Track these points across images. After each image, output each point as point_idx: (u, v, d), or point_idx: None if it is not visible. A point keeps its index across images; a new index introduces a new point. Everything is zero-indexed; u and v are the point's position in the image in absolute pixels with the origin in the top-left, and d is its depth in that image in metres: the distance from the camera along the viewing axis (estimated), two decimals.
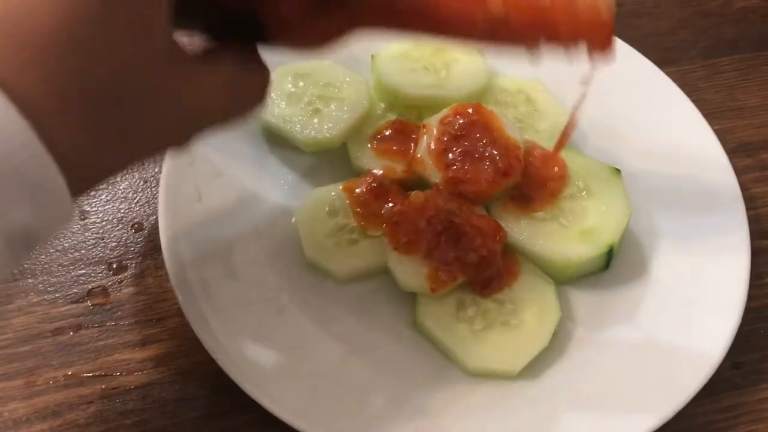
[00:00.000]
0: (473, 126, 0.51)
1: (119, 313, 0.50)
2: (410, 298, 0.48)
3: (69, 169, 0.27)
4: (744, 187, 0.57)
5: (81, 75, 0.27)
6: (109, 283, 0.51)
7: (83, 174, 0.29)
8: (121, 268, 0.52)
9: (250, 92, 0.36)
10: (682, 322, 0.48)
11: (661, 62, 0.61)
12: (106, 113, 0.28)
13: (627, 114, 0.57)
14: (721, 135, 0.59)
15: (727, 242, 0.50)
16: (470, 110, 0.51)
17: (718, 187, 0.53)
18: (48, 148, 0.26)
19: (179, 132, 0.33)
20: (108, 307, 0.50)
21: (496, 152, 0.49)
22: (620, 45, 0.60)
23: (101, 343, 0.48)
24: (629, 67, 0.59)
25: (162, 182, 0.50)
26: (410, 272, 0.46)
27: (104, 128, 0.29)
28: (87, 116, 0.28)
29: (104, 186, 0.56)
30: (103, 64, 0.27)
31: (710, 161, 0.54)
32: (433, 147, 0.50)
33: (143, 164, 0.40)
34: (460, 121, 0.51)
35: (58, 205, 0.28)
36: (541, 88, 0.57)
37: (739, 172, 0.58)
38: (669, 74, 0.59)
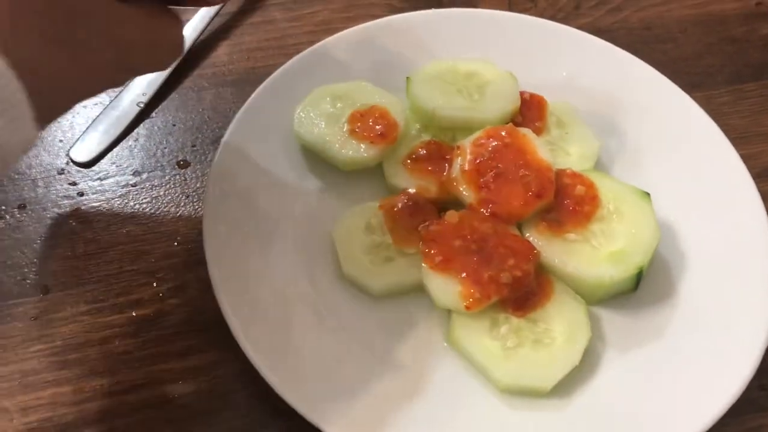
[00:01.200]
0: (506, 148, 0.52)
1: (162, 323, 0.52)
2: (445, 314, 0.50)
3: (30, 89, 0.31)
4: None
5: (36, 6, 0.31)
6: (153, 295, 0.53)
7: (42, 96, 0.32)
8: (164, 281, 0.54)
9: (167, 36, 0.39)
10: (710, 343, 0.49)
11: (688, 87, 0.62)
12: (60, 38, 0.32)
13: (655, 138, 0.59)
14: (747, 160, 0.60)
15: (754, 266, 0.51)
16: (503, 133, 0.53)
17: (745, 211, 0.54)
18: (10, 66, 0.30)
19: (115, 68, 0.37)
20: (152, 317, 0.52)
21: (528, 174, 0.51)
22: (647, 70, 0.61)
23: (145, 352, 0.50)
24: (657, 91, 0.60)
25: (205, 198, 0.52)
26: (445, 290, 0.48)
27: (58, 53, 0.33)
28: (42, 39, 0.32)
29: (148, 200, 0.58)
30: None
31: (737, 185, 0.55)
32: (466, 168, 0.52)
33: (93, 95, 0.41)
34: (493, 143, 0.53)
35: (23, 121, 0.31)
36: (571, 110, 0.59)
37: (764, 196, 0.59)
38: (695, 99, 0.61)
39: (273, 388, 0.45)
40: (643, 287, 0.52)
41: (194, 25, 0.67)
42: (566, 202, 0.51)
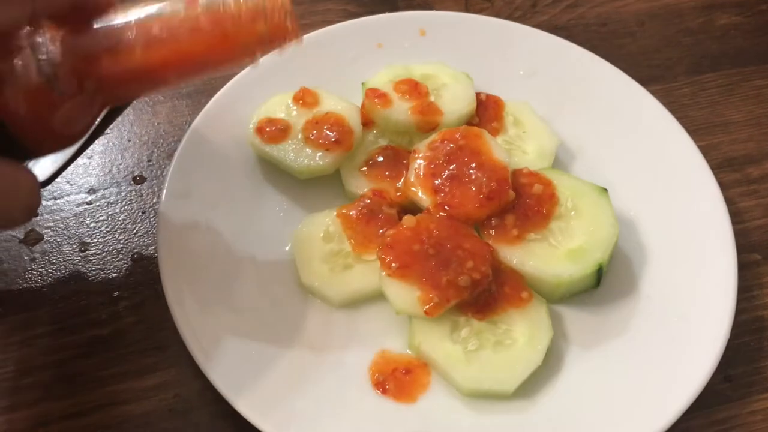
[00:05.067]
0: (461, 150, 0.52)
1: (120, 343, 0.51)
2: (407, 320, 0.49)
3: None
4: (731, 202, 0.58)
5: None
6: (110, 314, 0.52)
7: None
8: (122, 299, 0.53)
9: (17, 191, 0.36)
10: (673, 337, 0.49)
11: (647, 80, 0.62)
12: None
13: (614, 133, 0.58)
14: (707, 151, 0.60)
15: (714, 257, 0.51)
16: (458, 135, 0.53)
17: (704, 203, 0.54)
18: None
19: None
20: (109, 337, 0.51)
21: (482, 176, 0.50)
22: (604, 66, 0.61)
23: (103, 372, 0.49)
24: (613, 86, 0.60)
25: (160, 214, 0.51)
26: (403, 296, 0.47)
27: None
28: None
29: (104, 218, 0.57)
30: None
31: (696, 178, 0.55)
32: (421, 172, 0.52)
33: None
34: (449, 146, 0.52)
35: None
36: (528, 109, 0.59)
37: (726, 186, 0.59)
38: (654, 92, 0.61)
39: (235, 408, 0.44)
40: (605, 283, 0.51)
41: None
42: (524, 202, 0.51)
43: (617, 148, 0.58)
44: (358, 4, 0.71)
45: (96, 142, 0.61)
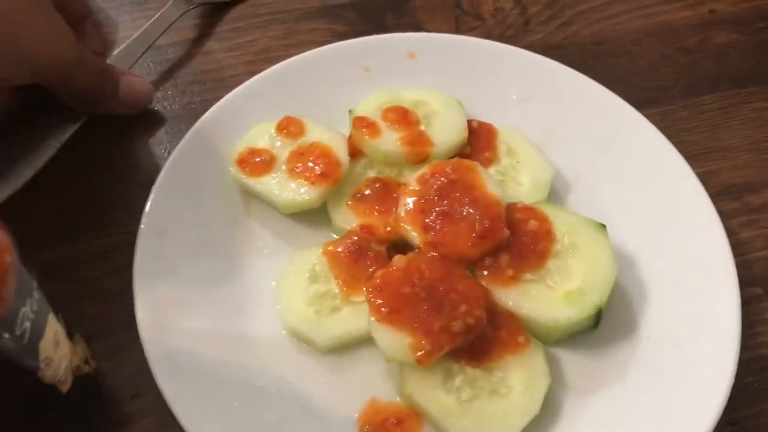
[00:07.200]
0: (452, 185, 0.49)
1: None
2: (398, 367, 0.47)
3: None
4: (732, 232, 0.56)
5: None
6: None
7: None
8: (97, 341, 0.50)
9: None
10: (676, 380, 0.47)
11: (642, 103, 0.60)
12: None
13: (609, 162, 0.56)
14: (706, 178, 0.58)
15: (717, 293, 0.49)
16: (449, 168, 0.50)
17: (704, 235, 0.52)
18: None
19: None
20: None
21: (475, 212, 0.48)
22: (598, 88, 0.59)
23: (76, 423, 0.47)
24: (609, 112, 0.58)
25: (136, 252, 0.49)
26: (394, 343, 0.45)
27: None
28: None
29: (80, 257, 0.54)
30: None
31: (695, 208, 0.53)
32: (410, 208, 0.49)
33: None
34: (440, 180, 0.50)
35: None
36: (521, 137, 0.56)
37: (725, 216, 0.57)
38: (650, 116, 0.58)
39: None
40: (603, 322, 0.49)
41: (122, 58, 0.63)
42: (519, 240, 0.49)
43: (613, 178, 0.56)
44: (345, 23, 0.68)
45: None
